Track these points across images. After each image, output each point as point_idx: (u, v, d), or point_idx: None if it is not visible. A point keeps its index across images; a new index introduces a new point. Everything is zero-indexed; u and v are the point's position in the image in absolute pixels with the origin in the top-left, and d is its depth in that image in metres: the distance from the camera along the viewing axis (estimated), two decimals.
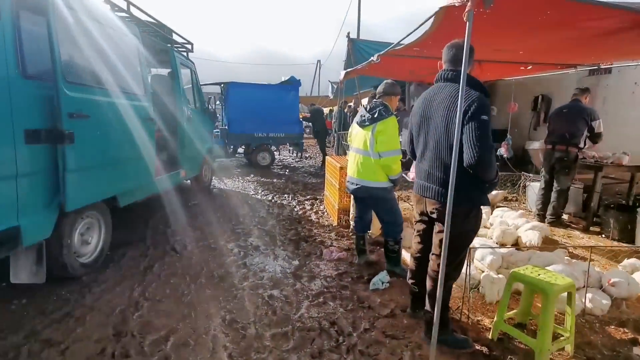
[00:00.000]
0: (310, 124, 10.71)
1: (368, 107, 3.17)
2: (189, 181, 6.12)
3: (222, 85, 9.31)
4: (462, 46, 2.04)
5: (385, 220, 3.21)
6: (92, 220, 3.18)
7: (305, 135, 10.52)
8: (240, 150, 9.55)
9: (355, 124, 3.27)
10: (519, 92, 10.18)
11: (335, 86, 15.42)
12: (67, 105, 2.50)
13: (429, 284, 2.23)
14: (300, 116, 9.47)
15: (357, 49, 7.33)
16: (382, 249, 3.82)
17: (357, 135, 3.23)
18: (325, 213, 5.23)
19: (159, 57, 5.32)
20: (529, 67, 4.79)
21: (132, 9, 3.86)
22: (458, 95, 1.95)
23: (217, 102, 8.96)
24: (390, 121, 3.02)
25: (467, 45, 1.81)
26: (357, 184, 3.20)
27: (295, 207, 5.58)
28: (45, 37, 2.27)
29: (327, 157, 5.45)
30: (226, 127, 8.78)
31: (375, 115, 3.04)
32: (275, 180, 7.78)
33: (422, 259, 2.37)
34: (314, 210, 5.36)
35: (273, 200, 5.94)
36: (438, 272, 2.12)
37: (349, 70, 5.57)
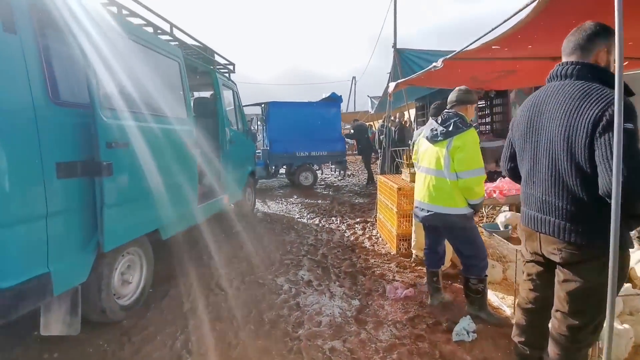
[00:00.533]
0: (351, 140, 10.33)
1: (439, 119, 2.68)
2: (232, 205, 5.87)
3: (263, 105, 9.20)
4: (595, 29, 1.53)
5: (465, 253, 2.65)
6: (134, 257, 2.91)
7: (347, 153, 10.13)
8: (282, 170, 9.29)
9: (424, 139, 2.78)
10: None
11: (376, 101, 15.02)
12: (105, 133, 2.25)
13: (553, 350, 1.65)
14: (343, 133, 9.09)
15: (405, 59, 6.88)
16: (455, 285, 3.25)
17: (426, 152, 2.75)
18: (380, 239, 4.70)
19: (202, 80, 5.18)
20: None
21: (175, 31, 3.69)
22: (584, 96, 1.43)
23: (259, 123, 8.81)
24: (469, 135, 2.51)
25: (619, 14, 1.26)
26: (428, 211, 2.69)
27: (345, 231, 5.11)
28: (78, 58, 2.03)
29: (378, 176, 4.97)
30: (267, 148, 8.58)
31: (450, 129, 2.54)
32: (320, 201, 7.38)
33: (535, 313, 1.80)
34: (367, 236, 4.86)
35: (321, 225, 5.51)
36: (568, 336, 1.56)
37: (400, 81, 5.12)
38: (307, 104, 8.92)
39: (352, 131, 9.22)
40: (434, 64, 3.53)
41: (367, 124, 9.55)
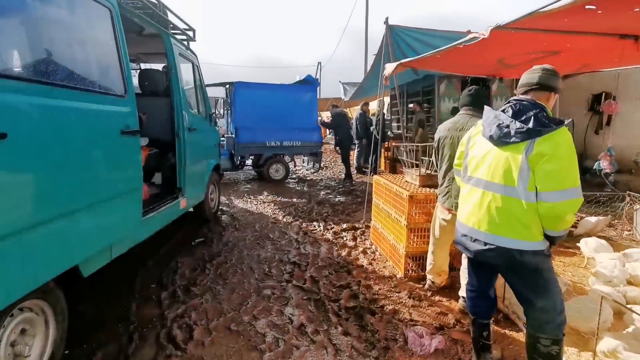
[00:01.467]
0: (328, 130, 9.41)
1: (509, 109, 1.83)
2: (191, 209, 4.77)
3: (227, 86, 7.98)
4: None
5: (535, 302, 1.86)
6: (33, 315, 1.83)
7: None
8: (249, 161, 8.18)
9: (482, 138, 1.93)
10: (570, 90, 8.92)
11: (349, 88, 14.14)
12: None
13: None
14: (319, 121, 8.13)
15: (397, 38, 6.03)
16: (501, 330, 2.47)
17: (486, 156, 1.89)
18: (378, 253, 3.87)
19: (150, 45, 3.99)
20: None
21: None
22: None
23: (223, 107, 7.60)
24: (562, 137, 1.68)
25: None
26: (486, 243, 1.85)
27: (333, 242, 4.22)
28: None
29: (375, 177, 4.12)
30: (233, 135, 7.44)
31: (531, 125, 1.70)
32: (295, 199, 6.42)
33: None
34: (360, 249, 4.00)
35: (301, 232, 4.58)
36: None
37: (404, 61, 4.22)
38: (279, 86, 7.83)
39: (329, 119, 8.25)
40: (473, 34, 2.67)
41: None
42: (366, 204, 5.13)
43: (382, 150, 9.00)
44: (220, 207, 5.47)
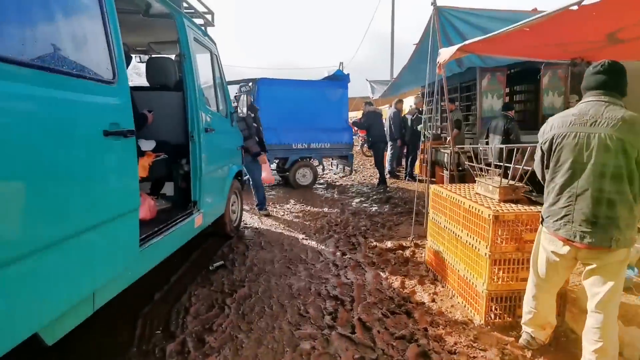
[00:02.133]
0: (360, 130, 8.58)
1: None
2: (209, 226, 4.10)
3: (250, 84, 7.33)
4: None
5: None
6: None
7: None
8: (273, 165, 7.47)
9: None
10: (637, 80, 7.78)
11: (376, 86, 13.29)
12: None
13: None
14: (350, 121, 7.36)
15: (445, 22, 5.21)
16: None
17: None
18: (439, 283, 3.07)
19: (158, 29, 3.35)
20: None
21: None
22: None
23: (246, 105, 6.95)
24: None
25: None
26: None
27: (379, 266, 3.44)
28: None
29: (433, 187, 3.31)
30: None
31: None
32: (326, 208, 5.67)
33: None
34: (417, 277, 3.20)
35: (339, 252, 3.82)
36: None
37: (467, 43, 3.39)
38: (307, 82, 7.13)
39: (363, 118, 7.47)
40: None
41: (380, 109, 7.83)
42: (414, 217, 4.32)
43: (418, 152, 8.15)
44: (243, 220, 4.80)
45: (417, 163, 8.58)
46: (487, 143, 6.72)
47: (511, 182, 2.68)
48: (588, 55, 3.38)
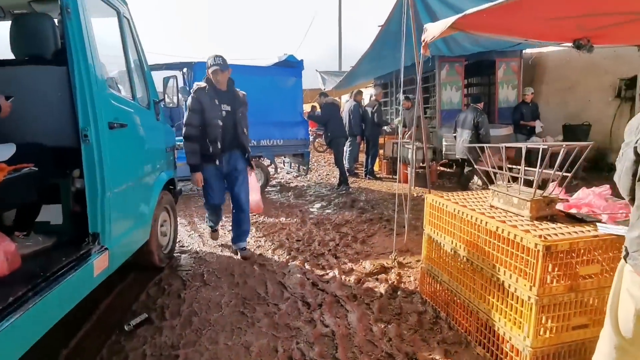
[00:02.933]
0: (319, 124, 7.73)
1: None
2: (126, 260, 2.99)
3: (185, 69, 6.15)
4: None
5: None
6: None
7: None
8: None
9: None
10: (589, 76, 7.87)
11: (327, 77, 12.53)
12: None
13: None
14: (305, 114, 6.48)
15: (423, 3, 4.54)
16: None
17: None
18: (446, 324, 2.34)
19: None
20: None
21: None
22: None
23: (179, 93, 5.74)
24: None
25: None
26: None
27: (363, 301, 2.64)
28: None
29: (445, 200, 2.56)
30: None
31: None
32: (284, 218, 4.76)
33: None
34: (414, 316, 2.45)
35: (308, 282, 2.96)
36: None
37: (460, 15, 2.66)
38: (254, 69, 6.08)
39: (318, 111, 6.61)
40: None
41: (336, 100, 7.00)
42: (395, 226, 3.59)
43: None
44: (178, 241, 3.74)
45: (378, 160, 7.99)
46: (455, 137, 6.28)
47: (544, 194, 2.02)
48: (598, 35, 2.84)
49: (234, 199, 3.38)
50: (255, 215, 4.85)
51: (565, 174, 1.98)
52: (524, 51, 8.26)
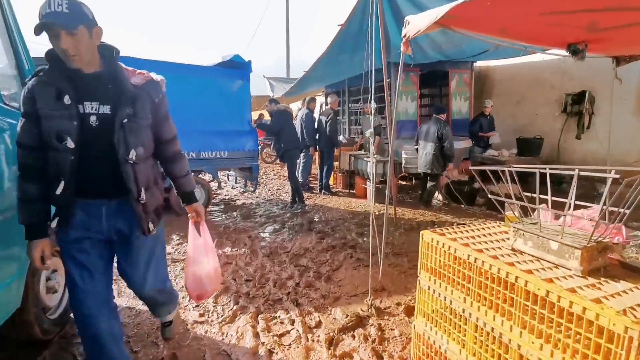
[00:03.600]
0: (269, 133, 6.94)
1: None
2: None
3: None
4: None
5: None
6: None
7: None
8: None
9: None
10: (536, 90, 8.02)
11: (275, 83, 11.80)
12: None
13: None
14: (253, 123, 5.67)
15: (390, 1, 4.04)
16: None
17: None
18: None
19: None
20: None
21: None
22: None
23: None
24: None
25: None
26: None
27: None
28: None
29: (426, 233, 1.94)
30: None
31: None
32: (229, 248, 3.91)
33: None
34: None
35: (263, 348, 2.19)
36: None
37: (455, 4, 2.12)
38: (193, 68, 5.16)
39: (269, 119, 5.85)
40: None
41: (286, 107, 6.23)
42: (381, 258, 2.94)
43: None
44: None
45: (333, 173, 7.41)
46: (416, 150, 5.89)
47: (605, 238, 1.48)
48: (604, 38, 2.48)
49: (130, 286, 1.74)
50: None
51: (624, 210, 1.46)
52: (474, 63, 8.28)
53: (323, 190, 6.77)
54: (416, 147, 5.82)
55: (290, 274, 3.26)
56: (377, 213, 5.43)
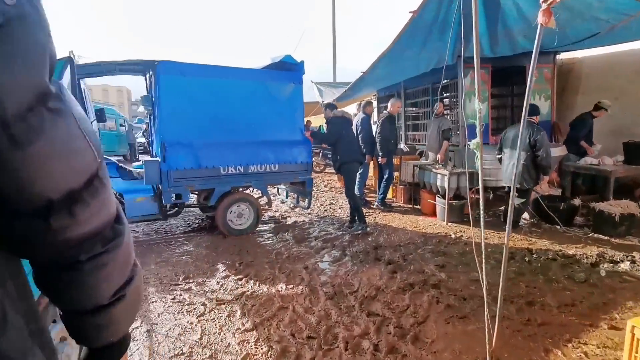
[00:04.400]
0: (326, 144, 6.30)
1: None
2: None
3: (150, 73, 4.68)
4: None
5: None
6: None
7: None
8: (182, 199, 4.71)
9: None
10: (637, 78, 6.68)
11: (323, 88, 11.17)
12: None
13: None
14: (307, 132, 5.02)
15: None
16: None
17: None
18: None
19: None
20: None
21: None
22: None
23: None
24: None
25: None
26: None
27: None
28: None
29: None
30: (158, 159, 4.14)
31: None
32: (283, 284, 3.23)
33: None
34: None
35: None
36: None
37: None
38: (240, 72, 4.62)
39: (326, 126, 5.17)
40: None
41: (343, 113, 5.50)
42: (499, 317, 2.10)
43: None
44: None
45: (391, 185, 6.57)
46: (498, 160, 4.92)
47: None
48: None
49: None
50: (236, 281, 3.32)
51: None
52: (557, 56, 7.09)
53: (377, 205, 5.96)
54: (499, 156, 4.84)
55: (364, 328, 2.50)
56: (453, 236, 4.54)
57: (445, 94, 7.88)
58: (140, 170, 4.41)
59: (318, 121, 13.79)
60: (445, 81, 6.96)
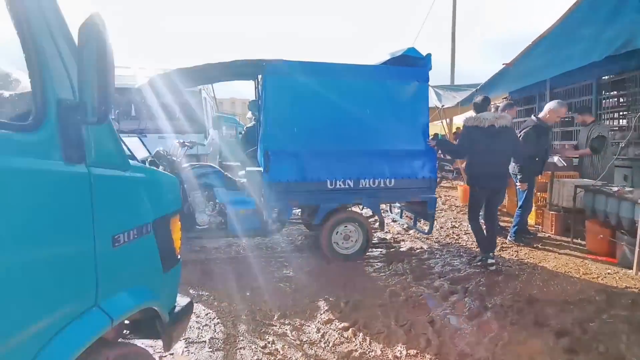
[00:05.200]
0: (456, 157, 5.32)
1: None
2: None
3: (259, 77, 4.35)
4: None
5: None
6: None
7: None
8: (285, 214, 4.13)
9: None
10: None
11: (440, 91, 9.91)
12: None
13: None
14: (430, 141, 4.08)
15: None
16: None
17: None
18: None
19: None
20: None
21: None
22: None
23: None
24: None
25: None
26: None
27: None
28: None
29: None
30: (263, 169, 3.72)
31: None
32: (402, 346, 2.40)
33: None
34: None
35: None
36: None
37: None
38: (355, 69, 3.93)
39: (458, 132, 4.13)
40: None
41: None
42: None
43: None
44: None
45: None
46: None
47: None
48: None
49: None
50: (348, 329, 2.58)
51: None
52: None
53: (510, 239, 4.60)
54: None
55: None
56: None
57: (612, 92, 6.06)
58: (242, 181, 4.08)
59: (434, 129, 12.46)
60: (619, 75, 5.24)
